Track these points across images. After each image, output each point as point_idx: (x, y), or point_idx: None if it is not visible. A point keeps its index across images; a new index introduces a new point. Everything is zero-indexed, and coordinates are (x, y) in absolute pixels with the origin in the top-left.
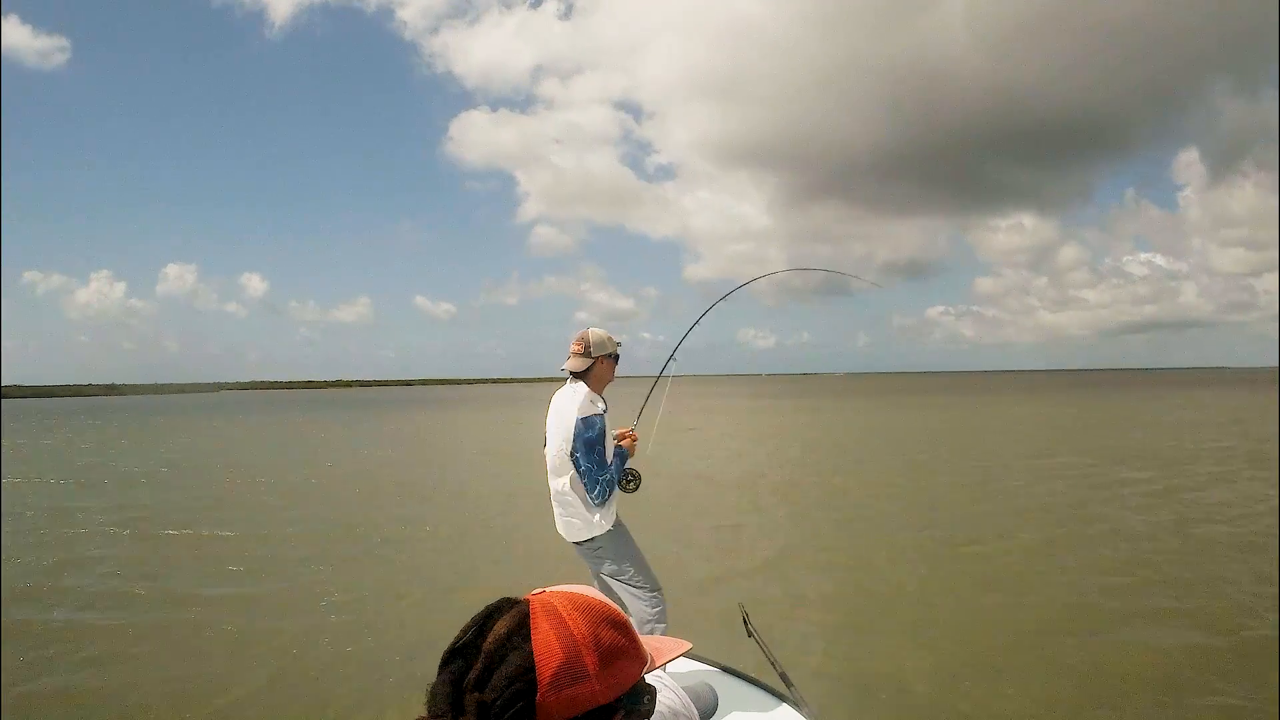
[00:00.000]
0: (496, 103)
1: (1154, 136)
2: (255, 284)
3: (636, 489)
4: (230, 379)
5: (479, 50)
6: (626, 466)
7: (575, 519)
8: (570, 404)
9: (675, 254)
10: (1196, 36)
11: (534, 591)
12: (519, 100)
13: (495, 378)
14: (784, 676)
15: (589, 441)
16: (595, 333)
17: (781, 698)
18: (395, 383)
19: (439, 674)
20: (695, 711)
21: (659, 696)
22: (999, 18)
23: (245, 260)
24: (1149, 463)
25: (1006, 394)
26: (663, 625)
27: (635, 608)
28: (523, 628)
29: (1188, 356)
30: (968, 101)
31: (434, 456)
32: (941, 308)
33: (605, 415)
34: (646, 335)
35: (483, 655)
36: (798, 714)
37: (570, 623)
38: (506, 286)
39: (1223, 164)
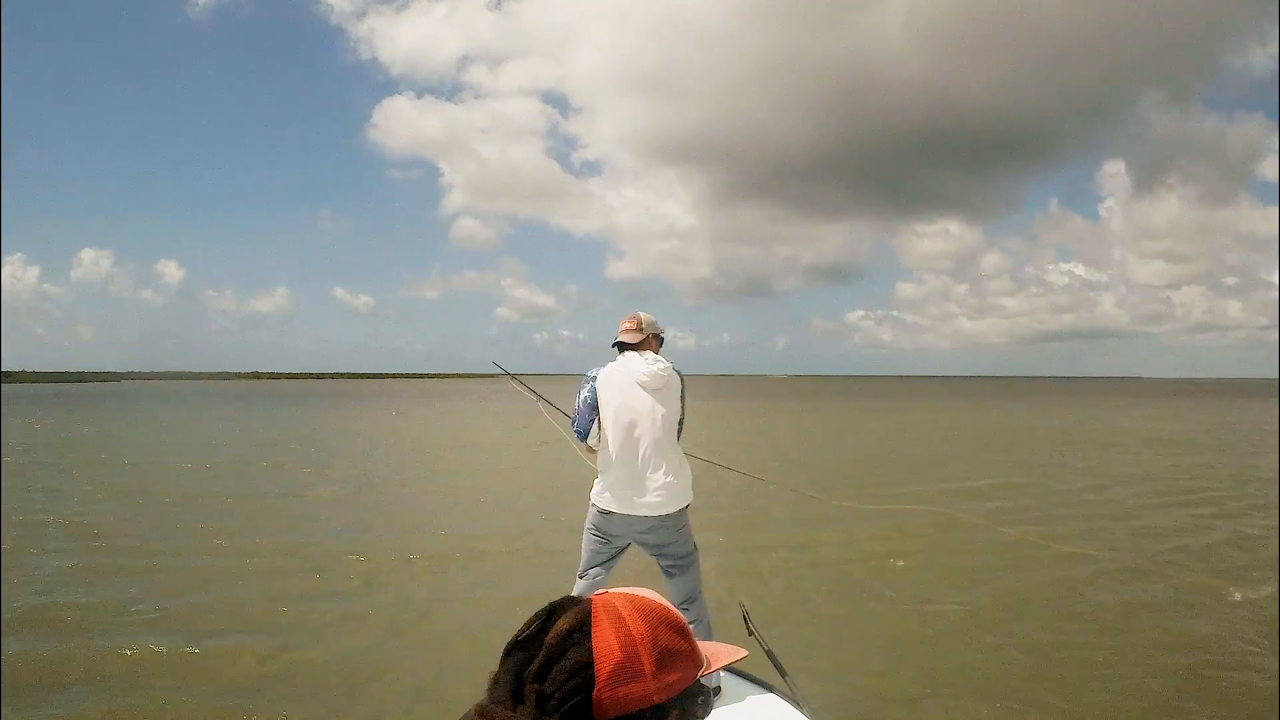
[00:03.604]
0: (422, 90)
1: (1082, 147)
2: (172, 271)
3: None
4: (143, 369)
5: (406, 36)
6: None
7: (684, 483)
8: (658, 366)
9: (598, 251)
10: (1131, 49)
11: (596, 592)
12: (445, 88)
13: (413, 373)
14: (785, 675)
15: (684, 391)
16: (645, 315)
17: (782, 696)
18: (309, 375)
19: (501, 664)
20: None
21: None
22: (938, 22)
23: (162, 247)
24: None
25: (961, 399)
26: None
27: (695, 587)
28: (584, 625)
29: (1102, 366)
30: (902, 105)
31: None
32: (862, 312)
33: None
34: (566, 333)
35: (545, 649)
36: (798, 712)
37: (630, 623)
38: (427, 280)
39: (1148, 176)
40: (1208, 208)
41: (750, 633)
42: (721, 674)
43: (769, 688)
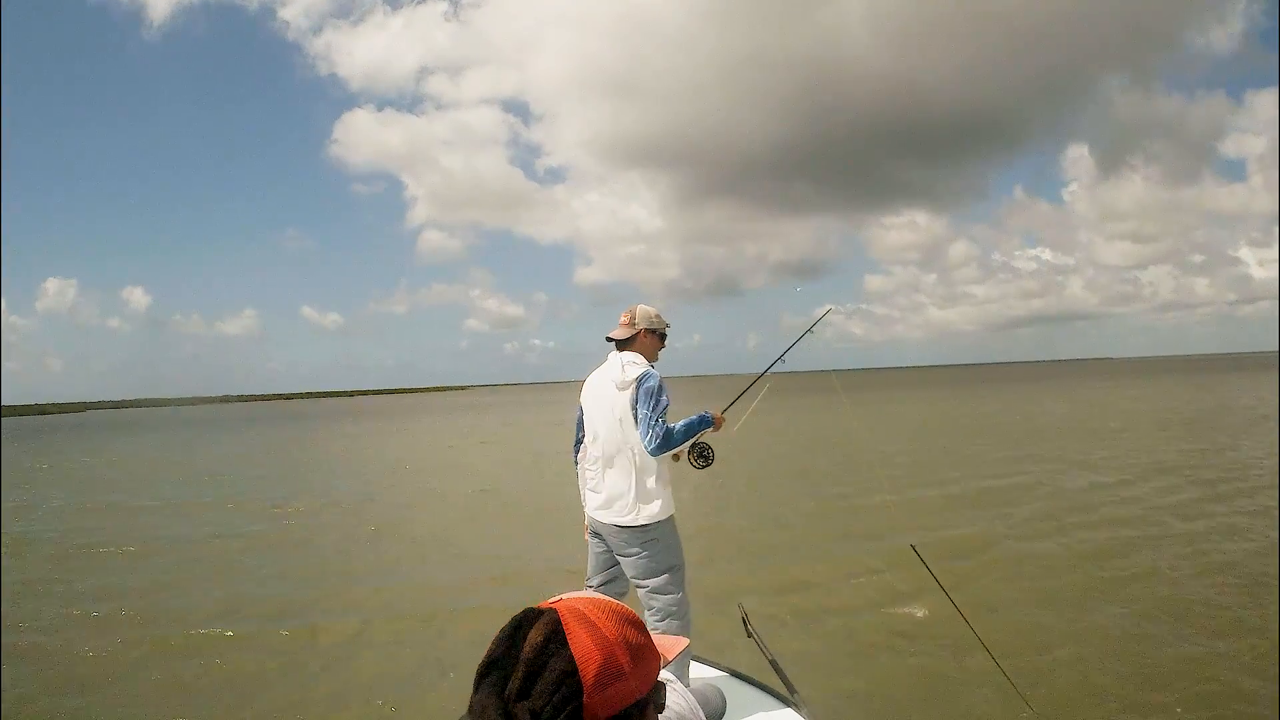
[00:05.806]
0: (382, 103)
1: (1045, 133)
2: (138, 298)
3: (706, 466)
4: (114, 397)
5: (364, 50)
6: (702, 440)
7: (630, 496)
8: (615, 368)
9: (566, 258)
10: (1093, 32)
11: (551, 600)
12: (405, 101)
13: (383, 389)
14: (784, 678)
15: (650, 390)
16: (643, 308)
17: (782, 699)
18: (279, 396)
19: (477, 688)
20: (702, 714)
21: (668, 700)
22: (898, 13)
23: (127, 273)
24: None
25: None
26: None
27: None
28: (557, 634)
29: (1073, 348)
30: (866, 99)
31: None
32: (831, 306)
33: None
34: (537, 342)
35: (522, 664)
36: (798, 715)
37: (599, 624)
38: (395, 295)
39: (1111, 158)
40: (1172, 186)
41: (749, 635)
42: (729, 678)
43: (769, 690)
